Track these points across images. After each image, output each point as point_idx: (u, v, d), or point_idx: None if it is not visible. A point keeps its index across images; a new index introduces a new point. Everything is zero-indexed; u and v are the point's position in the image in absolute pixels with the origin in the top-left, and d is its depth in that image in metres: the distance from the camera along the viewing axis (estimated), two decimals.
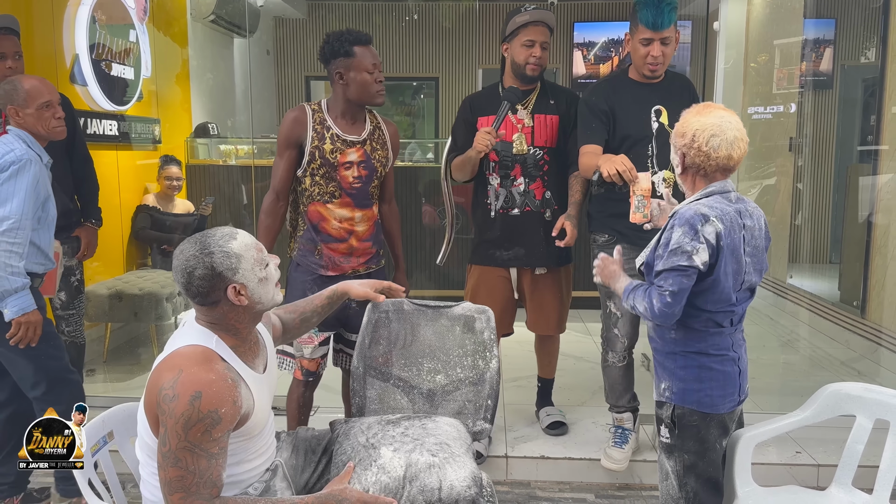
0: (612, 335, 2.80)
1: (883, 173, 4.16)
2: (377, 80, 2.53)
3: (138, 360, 4.33)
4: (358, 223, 2.57)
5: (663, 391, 1.98)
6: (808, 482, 2.86)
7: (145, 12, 4.73)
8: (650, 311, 1.86)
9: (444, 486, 1.75)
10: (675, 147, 1.92)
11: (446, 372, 2.17)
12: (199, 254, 1.60)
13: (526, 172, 2.90)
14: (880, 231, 4.16)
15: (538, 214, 2.93)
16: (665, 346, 1.97)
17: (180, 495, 1.52)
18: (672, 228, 1.83)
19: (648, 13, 2.51)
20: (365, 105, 2.58)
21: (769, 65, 5.42)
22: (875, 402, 2.04)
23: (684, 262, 1.79)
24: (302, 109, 2.56)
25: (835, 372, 4.16)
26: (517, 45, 2.84)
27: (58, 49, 4.00)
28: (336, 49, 2.51)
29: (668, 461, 1.98)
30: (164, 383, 1.54)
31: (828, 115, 6.21)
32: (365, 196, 2.59)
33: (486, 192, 2.95)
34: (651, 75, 2.63)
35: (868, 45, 5.89)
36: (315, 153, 2.51)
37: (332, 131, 2.53)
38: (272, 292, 1.70)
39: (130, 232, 4.62)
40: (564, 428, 3.14)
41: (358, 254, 2.58)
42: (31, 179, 2.38)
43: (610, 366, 2.87)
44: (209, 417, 1.51)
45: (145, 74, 4.76)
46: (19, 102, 2.47)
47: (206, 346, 1.62)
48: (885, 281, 4.09)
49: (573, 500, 2.82)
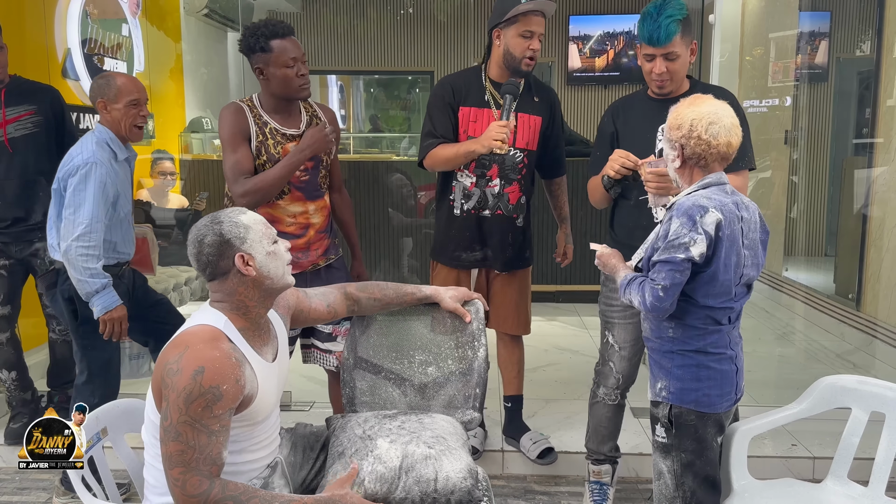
0: (607, 369, 2.54)
1: (878, 166, 4.16)
2: (299, 73, 2.41)
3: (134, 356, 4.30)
4: (313, 215, 2.53)
5: (659, 390, 1.96)
6: (804, 475, 2.87)
7: (138, 6, 4.71)
8: (643, 304, 1.86)
9: (439, 477, 1.75)
10: (670, 141, 1.88)
11: (437, 364, 2.16)
12: (210, 223, 1.69)
13: (503, 174, 2.70)
14: (875, 224, 4.16)
15: (509, 219, 2.75)
16: (662, 344, 1.95)
17: (180, 469, 1.53)
18: (670, 220, 1.82)
19: (645, 27, 2.29)
20: (291, 99, 2.48)
21: (764, 58, 5.41)
22: (870, 394, 2.04)
23: (680, 254, 1.78)
24: (238, 105, 2.47)
25: (830, 364, 4.17)
26: (513, 34, 2.59)
27: (50, 43, 3.97)
28: (252, 44, 2.39)
29: (663, 461, 1.97)
30: (170, 359, 1.58)
31: (823, 108, 6.21)
32: (315, 187, 2.53)
33: (451, 189, 2.74)
34: (659, 93, 2.39)
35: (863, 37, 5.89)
36: (261, 149, 2.43)
37: (269, 126, 2.46)
38: (282, 269, 1.74)
39: None
40: (555, 454, 2.90)
41: (316, 246, 2.55)
42: (97, 183, 2.47)
43: (599, 402, 2.58)
44: (210, 393, 1.54)
45: (138, 69, 4.74)
46: (110, 97, 2.55)
47: (215, 326, 1.67)
48: (879, 273, 4.09)
49: (569, 493, 2.82)
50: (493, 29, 2.65)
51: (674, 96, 2.37)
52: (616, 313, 2.46)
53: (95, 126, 2.60)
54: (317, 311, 2.04)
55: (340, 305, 2.10)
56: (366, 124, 9.81)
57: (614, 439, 2.63)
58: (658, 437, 1.98)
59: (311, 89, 2.50)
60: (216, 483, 1.55)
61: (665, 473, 1.97)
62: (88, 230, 2.45)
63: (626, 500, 2.77)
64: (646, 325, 2.01)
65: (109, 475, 1.87)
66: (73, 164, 2.48)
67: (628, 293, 1.92)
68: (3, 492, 2.86)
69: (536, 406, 3.40)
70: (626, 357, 2.50)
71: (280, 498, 1.61)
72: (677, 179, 1.92)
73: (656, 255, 1.83)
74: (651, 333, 1.98)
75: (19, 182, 3.02)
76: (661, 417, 1.96)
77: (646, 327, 2.02)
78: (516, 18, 2.57)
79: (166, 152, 4.81)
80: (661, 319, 1.92)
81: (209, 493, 1.54)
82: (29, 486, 2.90)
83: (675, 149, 1.87)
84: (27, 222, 3.04)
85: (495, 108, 2.66)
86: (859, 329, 4.28)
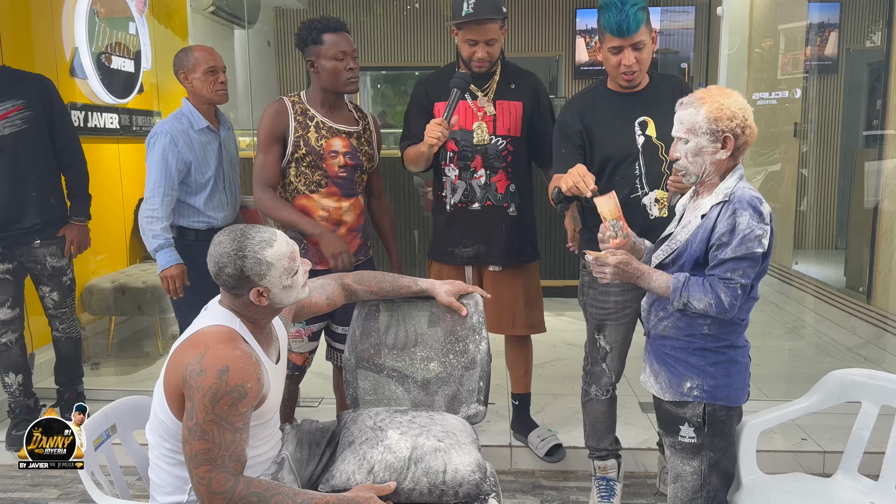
0: (598, 370, 2.51)
1: (889, 158, 4.12)
2: (347, 67, 2.49)
3: (143, 354, 4.34)
4: (346, 212, 2.57)
5: (689, 390, 1.87)
6: (815, 469, 2.85)
7: (145, 4, 4.72)
8: (716, 306, 1.75)
9: (448, 470, 1.77)
10: (714, 134, 1.78)
11: (439, 359, 2.17)
12: (233, 253, 1.66)
13: (487, 164, 2.64)
14: (886, 216, 4.13)
15: (501, 209, 2.68)
16: (692, 342, 1.86)
17: (206, 468, 1.55)
18: (735, 213, 1.74)
19: (612, 17, 2.20)
20: (339, 93, 2.56)
21: (774, 50, 5.37)
22: (880, 388, 2.03)
23: (758, 248, 1.72)
24: (281, 102, 2.56)
25: (840, 358, 4.14)
26: (461, 38, 2.60)
27: (57, 42, 3.98)
28: (305, 37, 2.49)
29: (689, 462, 1.91)
30: (190, 359, 1.59)
31: (833, 100, 6.16)
32: (351, 185, 2.58)
33: (442, 185, 2.73)
34: (628, 86, 2.32)
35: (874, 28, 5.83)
36: (300, 142, 2.50)
37: (316, 119, 2.53)
38: (294, 296, 1.76)
39: (133, 225, 4.62)
40: (563, 451, 2.87)
41: (349, 245, 2.55)
42: (159, 152, 2.70)
43: (592, 400, 2.56)
44: (236, 391, 1.56)
45: (146, 67, 4.75)
46: (189, 68, 2.76)
47: (231, 327, 1.69)
48: (891, 266, 4.06)
49: (577, 488, 2.82)
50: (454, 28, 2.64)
51: (639, 89, 2.35)
52: (609, 314, 2.42)
53: (182, 100, 2.83)
54: (317, 304, 2.06)
55: (339, 297, 2.13)
56: None
57: (612, 433, 2.61)
58: (685, 438, 1.90)
59: (358, 85, 2.55)
60: (240, 480, 1.57)
61: (688, 475, 1.91)
62: (151, 195, 2.70)
63: (634, 494, 2.77)
64: (665, 324, 1.91)
65: (119, 472, 1.88)
66: (148, 135, 2.75)
67: (684, 296, 1.78)
68: (16, 488, 2.89)
69: (545, 401, 3.40)
70: (618, 355, 2.49)
71: (303, 495, 1.62)
72: (704, 171, 1.83)
73: (727, 251, 1.73)
74: (677, 332, 1.88)
75: (10, 183, 2.96)
76: (690, 417, 1.89)
77: (665, 325, 1.91)
78: (460, 25, 2.57)
79: None
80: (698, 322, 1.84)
81: (234, 490, 1.55)
82: (41, 483, 2.92)
83: (718, 140, 1.78)
84: (21, 224, 3.00)
85: (470, 99, 2.65)
86: (870, 322, 4.25)
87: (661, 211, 2.34)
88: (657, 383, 1.96)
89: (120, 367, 4.09)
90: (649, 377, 2.00)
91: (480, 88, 2.66)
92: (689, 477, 1.91)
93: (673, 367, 1.91)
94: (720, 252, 1.74)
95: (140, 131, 4.69)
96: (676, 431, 1.91)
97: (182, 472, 1.67)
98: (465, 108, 2.65)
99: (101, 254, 4.31)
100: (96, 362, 4.09)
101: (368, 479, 1.75)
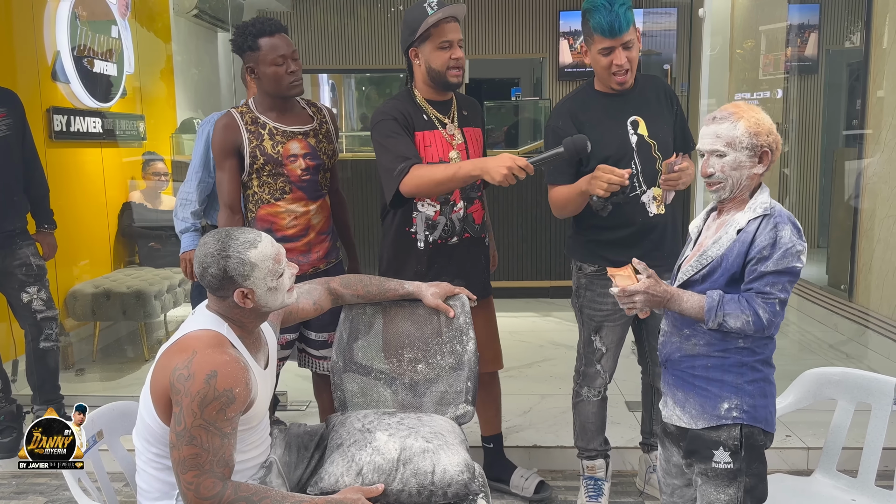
0: (593, 371, 2.50)
1: (868, 157, 4.18)
2: (289, 70, 2.38)
3: (128, 359, 4.31)
4: (314, 216, 2.51)
5: (727, 412, 1.72)
6: (798, 465, 2.89)
7: (127, 8, 4.69)
8: (754, 323, 1.66)
9: (437, 470, 1.78)
10: (754, 148, 1.72)
11: (427, 361, 2.18)
12: (216, 253, 1.66)
13: (464, 195, 2.46)
14: (866, 215, 4.18)
15: (478, 240, 2.54)
16: (727, 358, 1.73)
17: (194, 473, 1.55)
18: (777, 227, 1.68)
19: (602, 18, 2.20)
20: (284, 98, 2.45)
21: (755, 51, 5.42)
22: (855, 385, 2.07)
23: (798, 263, 1.66)
24: (230, 115, 2.45)
25: (823, 356, 4.19)
26: (430, 49, 2.36)
27: (39, 46, 3.95)
28: (241, 44, 2.39)
29: (725, 489, 1.74)
30: (178, 364, 1.58)
31: (813, 99, 6.22)
32: (316, 187, 2.51)
33: (411, 221, 2.45)
34: (620, 87, 2.32)
35: (853, 29, 5.90)
36: (256, 152, 2.41)
37: (268, 126, 2.44)
38: (281, 300, 1.75)
39: (117, 230, 4.59)
40: (548, 487, 2.75)
41: (317, 249, 2.54)
42: (204, 139, 2.85)
43: (583, 401, 2.56)
44: (224, 396, 1.56)
45: (128, 70, 4.72)
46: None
47: (218, 331, 1.68)
48: (871, 264, 4.11)
49: (565, 487, 2.83)
50: (409, 49, 2.41)
51: (627, 87, 2.35)
52: (608, 316, 2.44)
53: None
54: (304, 310, 2.06)
55: (325, 301, 2.13)
56: (358, 123, 9.80)
57: (602, 433, 2.62)
58: (719, 464, 1.74)
59: (303, 87, 2.48)
60: (229, 485, 1.57)
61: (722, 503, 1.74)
62: (188, 178, 2.90)
63: (622, 493, 2.79)
64: (695, 341, 1.76)
65: (106, 478, 1.87)
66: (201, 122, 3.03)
67: (719, 315, 1.68)
68: (1, 496, 2.86)
69: (532, 402, 3.42)
70: (613, 356, 2.50)
71: (291, 498, 1.62)
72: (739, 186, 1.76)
73: (768, 264, 1.66)
74: (710, 349, 1.74)
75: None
76: (725, 441, 1.73)
77: (695, 343, 1.76)
78: (429, 32, 2.34)
79: (157, 154, 4.80)
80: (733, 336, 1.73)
81: (223, 495, 1.55)
82: (26, 490, 2.90)
83: (757, 154, 1.73)
84: (3, 228, 3.00)
85: (440, 127, 2.44)
86: (852, 320, 4.30)
87: (659, 208, 2.36)
88: (685, 413, 1.78)
89: (105, 373, 4.06)
90: (673, 410, 1.81)
91: (446, 115, 2.47)
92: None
93: (705, 389, 1.75)
94: (760, 265, 1.67)
95: (123, 135, 4.67)
96: (709, 457, 1.75)
97: (169, 478, 1.67)
98: (440, 139, 2.44)
99: (84, 259, 4.29)
100: (81, 368, 4.06)
101: (357, 480, 1.76)
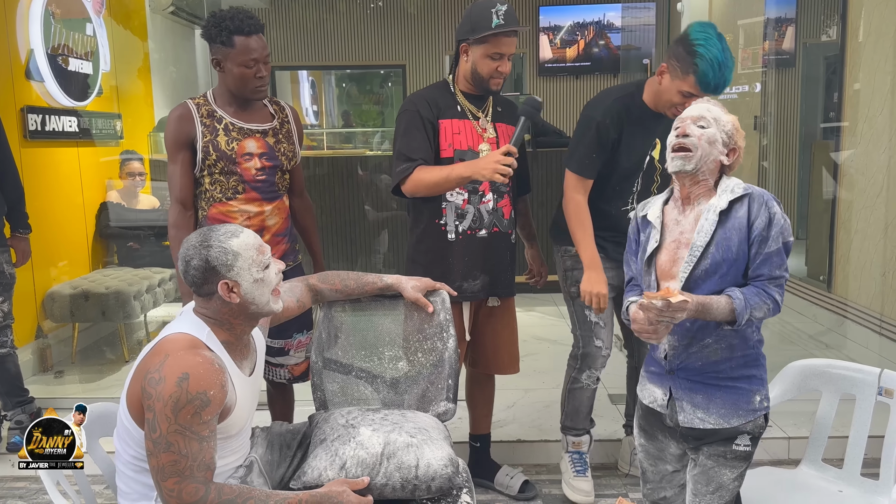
0: (593, 349, 2.51)
1: (845, 149, 4.23)
2: (257, 74, 2.27)
3: (107, 360, 4.26)
4: (269, 217, 2.38)
5: (759, 403, 1.77)
6: (780, 455, 2.92)
7: (102, 5, 4.63)
8: (773, 310, 1.69)
9: (421, 464, 1.77)
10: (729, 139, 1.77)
11: (408, 358, 2.16)
12: (198, 245, 1.64)
13: (494, 188, 2.44)
14: (844, 206, 4.23)
15: (506, 236, 2.51)
16: (748, 351, 1.77)
17: (175, 479, 1.51)
18: (767, 206, 1.71)
19: (710, 75, 2.16)
20: (245, 98, 2.34)
21: (733, 45, 5.46)
22: (840, 377, 2.08)
23: (791, 237, 1.71)
24: (185, 106, 2.33)
25: (803, 346, 4.23)
26: (482, 53, 2.35)
27: (12, 44, 3.89)
28: (214, 35, 2.25)
29: (737, 469, 1.79)
30: (150, 368, 1.55)
31: (791, 93, 6.27)
32: (272, 188, 2.38)
33: (440, 211, 2.43)
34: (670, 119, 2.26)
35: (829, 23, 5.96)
36: (209, 147, 2.29)
37: (224, 121, 2.32)
38: (267, 296, 1.70)
39: (95, 230, 4.53)
40: (533, 486, 2.75)
41: (273, 251, 2.38)
42: None
43: (581, 388, 2.59)
44: (198, 399, 1.52)
45: (104, 69, 4.66)
46: None
47: (197, 336, 1.64)
48: (849, 255, 4.16)
49: (549, 481, 2.84)
50: (462, 42, 2.40)
51: None
52: None
53: None
54: (289, 308, 2.03)
55: (307, 298, 2.11)
56: (338, 120, 9.76)
57: (590, 414, 2.73)
58: (739, 447, 1.77)
59: (267, 90, 2.38)
60: (211, 488, 1.54)
61: (729, 483, 1.79)
62: None
63: (606, 486, 2.80)
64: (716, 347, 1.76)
65: (86, 481, 1.84)
66: None
67: (747, 311, 1.67)
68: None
69: (516, 396, 3.42)
70: (609, 330, 2.58)
71: (275, 496, 1.60)
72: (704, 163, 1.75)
73: (770, 244, 1.68)
74: (732, 351, 1.76)
75: None
76: (752, 430, 1.78)
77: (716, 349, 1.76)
78: (486, 39, 2.33)
79: (135, 153, 4.75)
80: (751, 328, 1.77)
81: (206, 499, 1.53)
82: (5, 495, 2.86)
83: (728, 147, 1.78)
84: None
85: (473, 119, 2.45)
86: (830, 310, 4.35)
87: None
88: (710, 415, 1.77)
89: (85, 375, 4.01)
90: (693, 414, 1.78)
91: (480, 109, 2.47)
92: (731, 485, 1.79)
93: (733, 388, 1.76)
94: (763, 247, 1.69)
95: (100, 134, 4.61)
96: (730, 442, 1.77)
97: (148, 479, 1.64)
98: (471, 129, 2.44)
99: (62, 260, 4.23)
100: (60, 370, 4.01)
101: (340, 474, 1.74)
